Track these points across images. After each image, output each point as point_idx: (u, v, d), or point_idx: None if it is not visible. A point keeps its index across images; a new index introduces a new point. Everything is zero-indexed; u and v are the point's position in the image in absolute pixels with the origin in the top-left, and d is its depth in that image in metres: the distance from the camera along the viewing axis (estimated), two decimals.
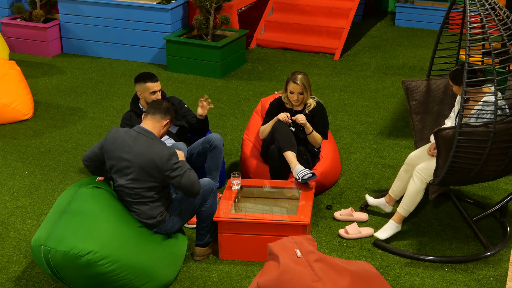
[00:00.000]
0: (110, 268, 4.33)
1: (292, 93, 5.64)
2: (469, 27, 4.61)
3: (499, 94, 4.91)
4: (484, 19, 4.69)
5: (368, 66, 8.98)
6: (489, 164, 4.85)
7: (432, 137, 5.37)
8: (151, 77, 5.52)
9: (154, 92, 5.52)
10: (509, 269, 4.00)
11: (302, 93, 5.63)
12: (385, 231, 5.24)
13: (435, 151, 5.13)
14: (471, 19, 4.64)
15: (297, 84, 5.59)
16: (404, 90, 5.64)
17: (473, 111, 4.94)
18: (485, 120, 4.83)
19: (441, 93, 5.61)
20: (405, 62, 9.09)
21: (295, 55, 9.36)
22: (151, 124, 4.75)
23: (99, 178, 4.81)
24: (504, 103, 4.89)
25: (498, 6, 4.84)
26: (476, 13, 4.74)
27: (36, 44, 9.36)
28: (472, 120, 4.93)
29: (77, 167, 6.40)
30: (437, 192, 5.12)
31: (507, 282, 4.02)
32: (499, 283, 4.81)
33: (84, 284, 4.45)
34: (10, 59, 8.77)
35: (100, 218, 4.48)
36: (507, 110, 4.83)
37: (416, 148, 5.56)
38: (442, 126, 5.17)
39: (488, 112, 4.83)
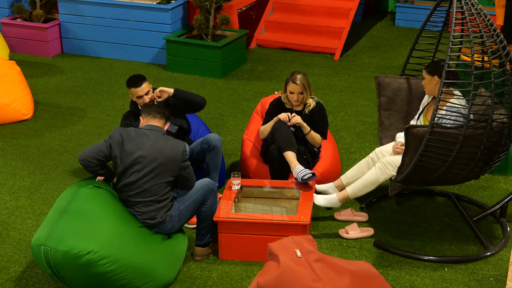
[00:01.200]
0: (110, 268, 4.33)
1: (291, 93, 5.64)
2: (454, 28, 4.63)
3: (463, 101, 4.95)
4: (469, 22, 4.70)
5: (368, 66, 8.98)
6: (454, 166, 4.85)
7: (397, 135, 5.41)
8: (135, 83, 5.53)
9: (139, 97, 5.54)
10: (509, 269, 4.01)
11: (301, 93, 5.63)
12: (325, 200, 5.32)
13: (400, 148, 5.17)
14: (456, 21, 4.67)
15: (297, 84, 5.60)
16: (376, 85, 5.67)
17: (441, 112, 4.96)
18: (451, 122, 4.84)
19: (412, 93, 5.65)
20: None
21: (295, 55, 9.36)
22: (156, 122, 4.85)
23: (99, 178, 4.81)
24: (469, 108, 4.91)
25: (483, 13, 4.85)
26: (459, 11, 4.74)
27: (36, 44, 9.37)
28: (438, 121, 4.93)
29: (77, 167, 6.40)
30: (397, 190, 5.15)
31: (507, 282, 4.02)
32: (499, 283, 4.81)
33: (84, 284, 4.45)
34: (10, 59, 8.77)
35: (100, 218, 4.48)
36: (471, 116, 4.83)
37: (381, 144, 5.59)
38: (413, 124, 5.18)
39: (454, 115, 4.84)
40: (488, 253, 5.09)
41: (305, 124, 5.64)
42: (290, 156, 5.47)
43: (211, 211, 4.97)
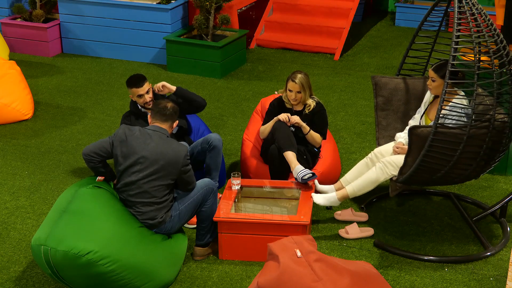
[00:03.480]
0: (110, 268, 4.33)
1: (290, 91, 5.64)
2: (456, 28, 4.63)
3: (466, 101, 4.95)
4: (471, 22, 4.70)
5: (368, 66, 8.98)
6: (457, 167, 4.86)
7: (397, 135, 5.40)
8: (136, 83, 5.54)
9: (140, 96, 5.54)
10: (509, 269, 4.01)
11: (300, 92, 5.63)
12: (324, 199, 5.28)
13: (401, 148, 5.17)
14: (459, 21, 4.67)
15: (295, 83, 5.59)
16: (373, 85, 5.66)
17: (443, 112, 4.96)
18: (454, 122, 4.85)
19: (409, 93, 5.64)
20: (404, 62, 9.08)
21: (295, 55, 9.36)
22: (162, 124, 4.84)
23: (99, 178, 4.81)
24: (472, 108, 4.91)
25: (484, 13, 4.85)
26: (464, 15, 4.75)
27: (36, 44, 9.37)
28: (441, 121, 4.93)
29: (77, 167, 6.40)
30: (398, 190, 5.15)
31: (507, 282, 4.02)
32: (499, 283, 4.81)
33: (84, 284, 4.45)
34: (10, 59, 8.77)
35: (100, 218, 4.48)
36: (474, 116, 4.84)
37: (378, 144, 5.58)
38: (418, 124, 5.17)
39: (457, 114, 4.84)
40: (488, 253, 5.09)
41: (304, 124, 5.64)
42: (290, 156, 5.47)
43: (211, 211, 4.97)
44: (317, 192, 5.54)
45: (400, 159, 5.10)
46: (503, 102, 4.92)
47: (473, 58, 4.73)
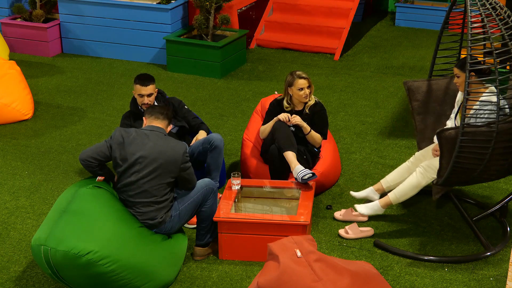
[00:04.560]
0: (110, 268, 4.33)
1: (301, 89, 5.63)
2: (470, 27, 4.62)
3: (495, 97, 4.92)
4: (485, 18, 4.68)
5: (368, 66, 8.98)
6: (492, 163, 4.85)
7: (435, 138, 5.36)
8: (143, 81, 5.53)
9: (141, 95, 5.53)
10: (509, 269, 4.01)
11: (309, 86, 5.66)
12: (367, 208, 5.27)
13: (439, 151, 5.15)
14: (472, 19, 4.64)
15: (304, 78, 5.62)
16: (406, 91, 5.63)
17: (472, 111, 4.94)
18: (483, 120, 4.82)
19: (443, 93, 5.61)
20: (405, 62, 9.09)
21: (295, 55, 9.36)
22: (159, 123, 4.85)
23: (99, 178, 4.81)
24: (505, 103, 4.89)
25: (499, 6, 4.83)
26: (477, 13, 4.74)
27: (36, 44, 9.37)
28: (472, 120, 4.92)
29: (77, 167, 6.40)
30: (440, 193, 5.11)
31: (507, 282, 4.02)
32: (499, 283, 4.81)
33: (84, 284, 4.45)
34: (10, 59, 8.77)
35: (100, 218, 4.48)
36: (507, 110, 4.83)
37: (420, 148, 5.57)
38: (445, 127, 5.16)
39: (487, 111, 4.82)
40: (488, 253, 5.09)
41: (305, 124, 5.64)
42: (290, 156, 5.47)
43: (211, 211, 4.97)
44: (357, 199, 5.54)
45: (436, 161, 5.07)
46: None
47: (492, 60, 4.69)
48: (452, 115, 5.39)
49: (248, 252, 5.03)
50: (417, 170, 5.18)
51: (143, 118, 4.96)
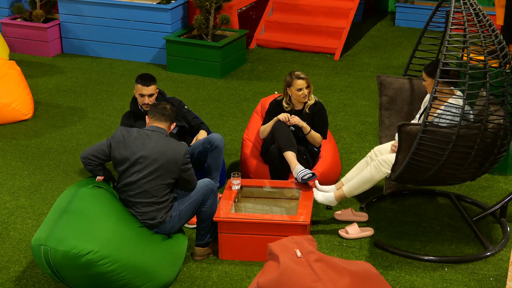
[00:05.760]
0: (110, 268, 4.33)
1: (300, 90, 5.63)
2: (450, 28, 4.63)
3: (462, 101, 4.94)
4: (466, 22, 4.69)
5: (368, 66, 8.98)
6: (447, 166, 4.83)
7: (397, 135, 5.40)
8: (144, 81, 5.53)
9: (142, 95, 5.53)
10: (509, 269, 4.01)
11: (308, 86, 5.66)
12: (323, 196, 5.29)
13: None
14: (454, 21, 4.66)
15: (303, 78, 5.62)
16: (378, 84, 5.68)
17: (439, 111, 4.95)
18: (447, 122, 4.83)
19: (414, 93, 5.65)
20: (405, 62, 9.09)
21: (295, 55, 9.36)
22: (161, 124, 4.84)
23: (99, 178, 4.81)
24: (469, 108, 4.89)
25: (482, 13, 4.84)
26: (460, 16, 4.74)
27: (36, 44, 9.37)
28: (436, 120, 4.93)
29: (77, 167, 6.40)
30: (392, 189, 5.15)
31: (507, 282, 4.02)
32: (499, 283, 4.81)
33: (84, 284, 4.45)
34: (10, 59, 8.77)
35: (100, 218, 4.48)
36: (471, 116, 4.82)
37: (381, 143, 5.59)
38: (407, 122, 5.17)
39: (450, 114, 4.81)
40: (488, 253, 5.09)
41: (305, 124, 5.65)
42: (290, 156, 5.47)
43: (211, 211, 4.97)
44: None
45: (391, 157, 5.10)
46: (507, 104, 4.88)
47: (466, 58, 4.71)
48: (417, 116, 5.41)
49: (248, 252, 5.03)
50: (372, 164, 5.20)
51: (146, 117, 4.96)
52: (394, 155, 5.13)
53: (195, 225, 5.22)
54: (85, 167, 4.79)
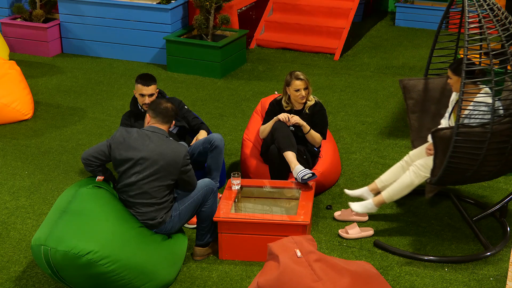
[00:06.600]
0: (110, 268, 4.33)
1: (297, 90, 5.63)
2: (467, 27, 4.62)
3: (490, 98, 4.92)
4: (482, 19, 4.68)
5: (368, 66, 8.98)
6: (486, 164, 4.85)
7: (429, 137, 5.37)
8: (144, 81, 5.53)
9: (142, 95, 5.53)
10: (509, 269, 4.01)
11: (306, 88, 5.65)
12: (361, 206, 5.29)
13: (433, 150, 5.15)
14: (470, 20, 4.64)
15: (302, 79, 5.61)
16: (402, 89, 5.64)
17: (466, 111, 4.94)
18: (478, 120, 4.83)
19: (438, 92, 5.61)
20: (405, 62, 9.09)
21: (295, 55, 9.36)
22: (161, 125, 4.83)
23: (99, 178, 4.81)
24: (500, 104, 4.89)
25: (497, 7, 4.83)
26: (475, 13, 4.74)
27: (36, 44, 9.37)
28: (466, 120, 4.92)
29: (77, 167, 6.40)
30: (433, 192, 5.12)
31: (507, 282, 4.02)
32: (499, 283, 4.81)
33: (84, 284, 4.45)
34: (10, 59, 8.77)
35: (100, 218, 4.48)
36: (501, 111, 4.82)
37: (414, 147, 5.57)
38: (439, 126, 5.16)
39: (481, 112, 4.82)
40: (488, 253, 5.09)
41: (304, 123, 5.65)
42: (290, 156, 5.47)
43: (211, 211, 4.97)
44: (352, 197, 5.55)
45: (429, 160, 5.08)
46: None
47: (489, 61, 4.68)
48: (446, 114, 5.39)
49: (248, 252, 5.03)
50: (410, 169, 5.19)
51: (147, 114, 4.93)
52: (431, 158, 5.10)
53: (195, 225, 5.22)
54: (86, 168, 4.80)
